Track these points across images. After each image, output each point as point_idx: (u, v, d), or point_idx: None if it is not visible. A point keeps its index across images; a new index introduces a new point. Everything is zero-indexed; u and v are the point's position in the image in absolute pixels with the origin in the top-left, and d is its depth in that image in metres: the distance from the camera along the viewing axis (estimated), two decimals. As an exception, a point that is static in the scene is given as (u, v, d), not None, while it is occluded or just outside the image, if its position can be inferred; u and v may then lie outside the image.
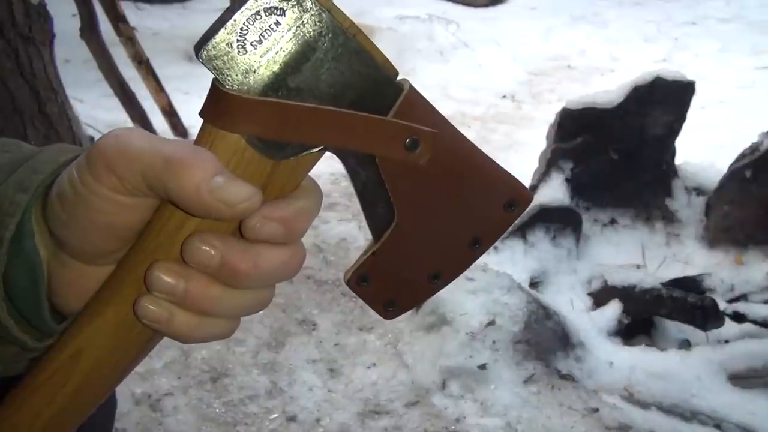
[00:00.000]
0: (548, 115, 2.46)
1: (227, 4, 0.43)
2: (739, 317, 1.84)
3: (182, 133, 3.14)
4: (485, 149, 0.46)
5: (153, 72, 3.00)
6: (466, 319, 1.75)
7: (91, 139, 1.97)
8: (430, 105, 0.43)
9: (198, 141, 0.41)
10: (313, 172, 0.44)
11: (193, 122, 3.23)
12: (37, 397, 0.44)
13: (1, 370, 0.47)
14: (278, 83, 0.39)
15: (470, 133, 3.31)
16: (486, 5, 5.29)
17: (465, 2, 5.28)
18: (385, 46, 0.55)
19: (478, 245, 0.47)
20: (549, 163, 2.19)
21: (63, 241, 0.42)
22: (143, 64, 2.98)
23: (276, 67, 0.39)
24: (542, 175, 2.18)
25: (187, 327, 0.42)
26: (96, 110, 3.18)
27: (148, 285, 0.41)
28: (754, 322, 1.82)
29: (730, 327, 1.84)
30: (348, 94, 0.40)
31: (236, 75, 0.39)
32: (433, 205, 0.45)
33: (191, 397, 1.66)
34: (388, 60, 0.41)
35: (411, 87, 0.42)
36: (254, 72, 0.39)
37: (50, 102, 1.73)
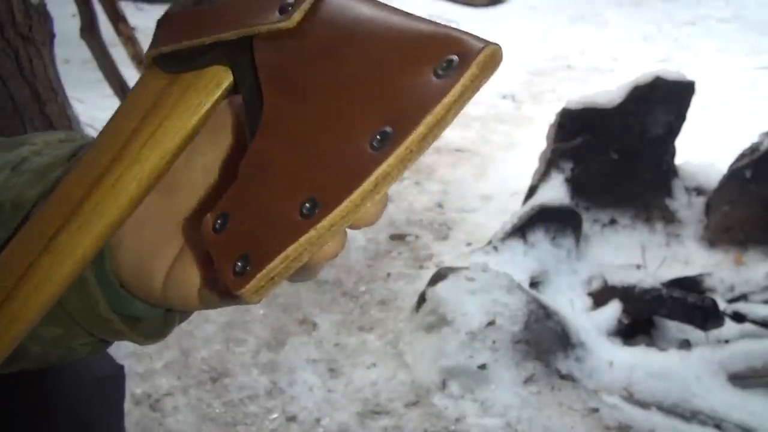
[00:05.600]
0: (548, 115, 2.46)
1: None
2: (739, 317, 1.84)
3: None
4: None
5: (153, 72, 3.00)
6: (466, 319, 1.75)
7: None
8: None
9: None
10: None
11: (193, 122, 3.22)
12: None
13: (38, 352, 0.45)
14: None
15: (470, 133, 3.31)
16: (486, 5, 5.29)
17: (465, 2, 5.28)
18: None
19: (385, 140, 0.27)
20: (549, 163, 2.19)
21: None
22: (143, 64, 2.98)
23: None
24: (542, 175, 2.18)
25: None
26: (96, 110, 3.17)
27: None
28: (754, 322, 1.82)
29: (730, 327, 1.84)
30: None
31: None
32: (311, 86, 0.30)
33: (191, 397, 1.66)
34: None
35: None
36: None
37: (50, 102, 1.73)
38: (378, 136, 0.27)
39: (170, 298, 0.40)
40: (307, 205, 0.28)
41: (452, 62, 0.27)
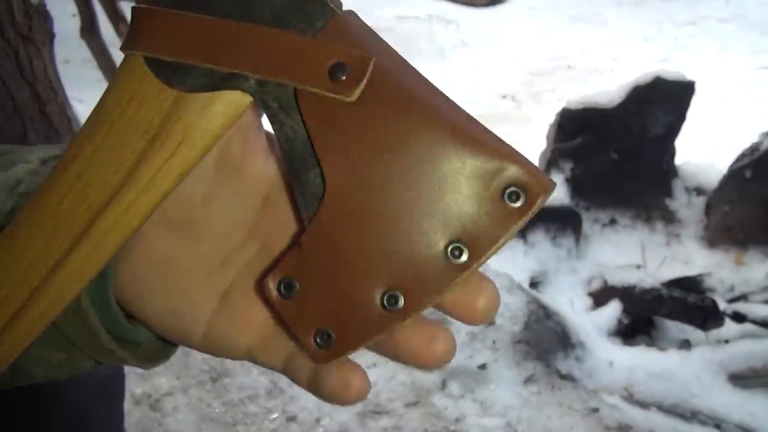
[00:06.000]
0: (548, 115, 2.46)
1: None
2: (739, 317, 1.84)
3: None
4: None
5: (153, 72, 3.00)
6: (466, 319, 1.75)
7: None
8: (375, 34, 0.34)
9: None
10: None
11: (193, 122, 3.23)
12: None
13: (42, 374, 0.45)
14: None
15: (470, 133, 3.31)
16: (486, 5, 5.29)
17: (465, 2, 5.28)
18: (385, 46, 0.55)
19: (461, 255, 0.31)
20: (549, 163, 2.19)
21: None
22: (143, 64, 2.98)
23: None
24: (542, 175, 2.18)
25: None
26: (96, 110, 3.17)
27: None
28: (754, 322, 1.82)
29: (730, 327, 1.84)
30: (264, 10, 0.33)
31: None
32: (380, 176, 0.31)
33: (191, 397, 1.66)
34: None
35: (350, 12, 0.34)
36: None
37: (50, 102, 1.73)
38: (452, 246, 0.31)
39: (212, 348, 0.40)
40: (387, 297, 0.32)
41: (519, 194, 0.31)
